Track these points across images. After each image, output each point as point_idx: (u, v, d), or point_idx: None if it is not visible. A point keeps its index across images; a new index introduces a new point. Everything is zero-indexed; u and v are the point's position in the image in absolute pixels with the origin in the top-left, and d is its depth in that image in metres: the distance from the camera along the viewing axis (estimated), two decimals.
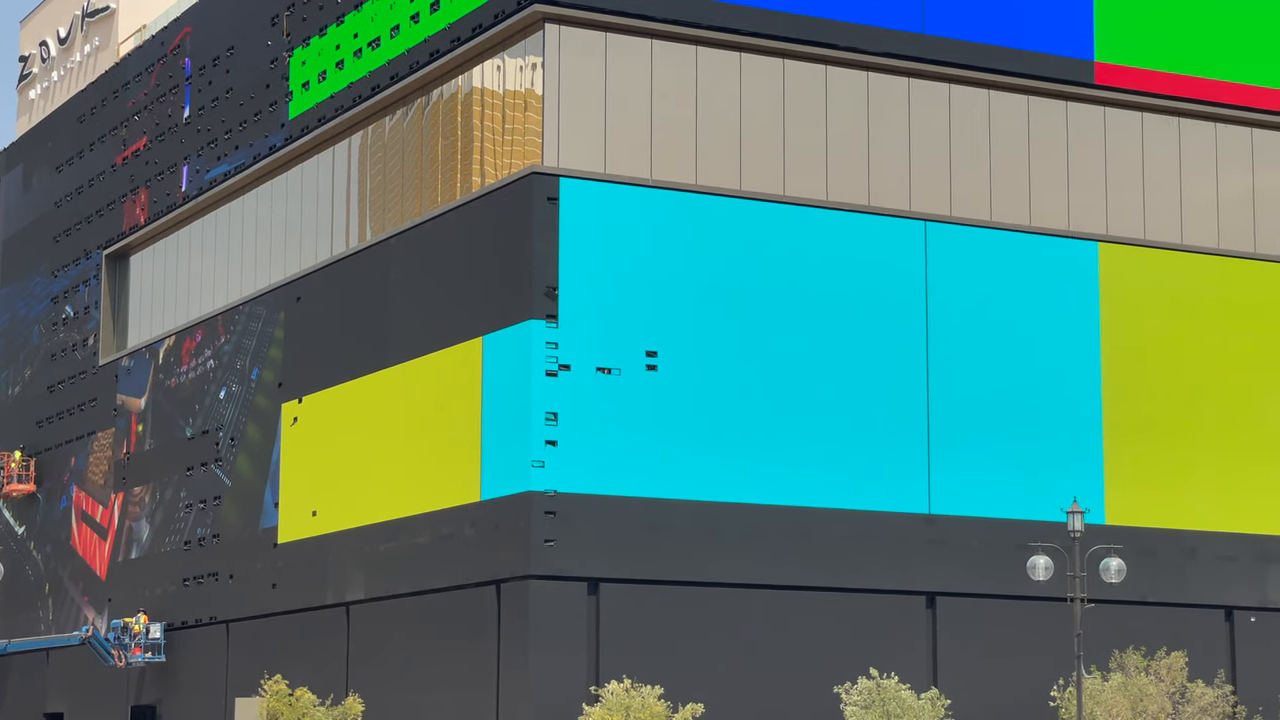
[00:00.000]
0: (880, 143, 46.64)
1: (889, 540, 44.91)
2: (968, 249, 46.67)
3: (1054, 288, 47.44)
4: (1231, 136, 49.92)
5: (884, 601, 44.83)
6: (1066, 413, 46.99)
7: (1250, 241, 49.92)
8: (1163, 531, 47.35)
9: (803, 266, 45.11)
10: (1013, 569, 43.38)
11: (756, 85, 45.50)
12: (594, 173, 43.62)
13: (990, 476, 46.11)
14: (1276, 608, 48.30)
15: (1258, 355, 49.15)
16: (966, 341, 46.36)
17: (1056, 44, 48.01)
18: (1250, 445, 48.69)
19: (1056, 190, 48.24)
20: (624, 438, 42.98)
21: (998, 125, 47.80)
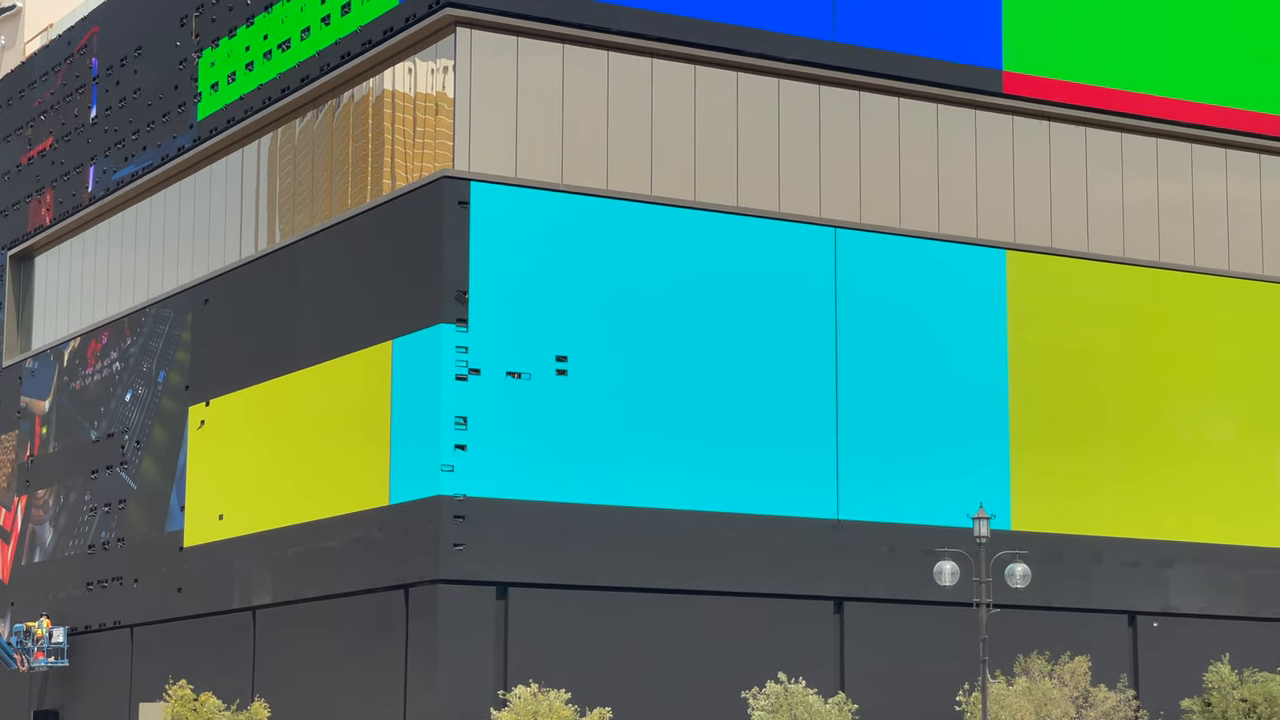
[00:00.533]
0: (790, 149, 46.84)
1: (797, 545, 45.10)
2: (877, 256, 46.94)
3: (962, 295, 47.79)
4: (1137, 146, 50.46)
5: (791, 606, 45.00)
6: (973, 419, 47.33)
7: (1155, 250, 50.46)
8: (1067, 537, 47.77)
9: (713, 272, 45.22)
10: (919, 574, 43.66)
11: (667, 91, 45.59)
12: (505, 177, 43.56)
13: (898, 482, 46.38)
14: (1178, 613, 48.82)
15: (1162, 363, 49.69)
16: (875, 348, 46.61)
17: (966, 53, 48.36)
18: (1154, 452, 49.21)
19: (965, 198, 48.60)
20: (533, 442, 42.94)
21: (907, 133, 48.11)
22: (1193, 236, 50.89)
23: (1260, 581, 49.72)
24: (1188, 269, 50.35)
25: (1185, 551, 49.03)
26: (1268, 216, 51.79)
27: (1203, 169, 51.17)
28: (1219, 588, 49.28)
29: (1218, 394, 50.17)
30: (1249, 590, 49.59)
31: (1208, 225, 51.09)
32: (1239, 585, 49.51)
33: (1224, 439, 50.01)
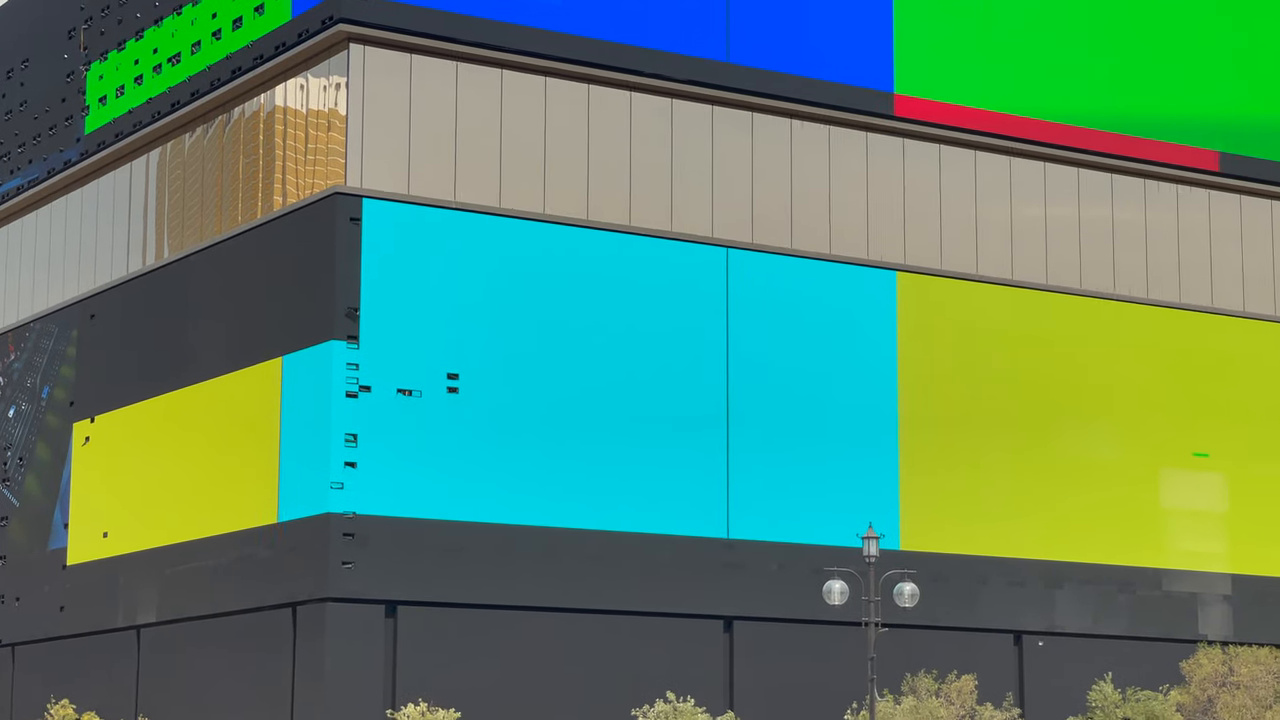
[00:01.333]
0: (683, 169, 46.98)
1: (687, 564, 45.15)
2: (768, 276, 47.14)
3: (852, 316, 48.09)
4: (1025, 170, 51.02)
5: (682, 625, 45.04)
6: (863, 439, 47.61)
7: (1042, 273, 51.00)
8: (955, 557, 48.14)
9: (605, 291, 45.25)
10: (809, 593, 43.84)
11: (561, 110, 45.61)
12: (398, 194, 43.40)
13: (788, 502, 46.55)
14: (1063, 632, 49.30)
15: (1049, 385, 50.19)
16: (766, 368, 46.80)
17: (857, 76, 48.73)
18: (1041, 473, 49.69)
19: (856, 219, 48.93)
20: (424, 460, 42.75)
21: (799, 154, 48.38)
22: (1079, 259, 51.50)
23: (1143, 601, 50.33)
24: (1074, 291, 50.94)
25: (1070, 572, 49.54)
26: (1152, 241, 52.50)
27: (1089, 193, 51.82)
28: (1103, 607, 49.83)
29: (1103, 416, 50.76)
30: (1132, 610, 50.17)
31: (1094, 248, 51.73)
32: (1122, 605, 50.08)
33: (1109, 460, 50.59)
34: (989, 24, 50.57)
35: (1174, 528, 51.26)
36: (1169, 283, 52.56)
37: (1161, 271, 52.54)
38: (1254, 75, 53.91)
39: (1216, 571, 51.32)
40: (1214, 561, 51.38)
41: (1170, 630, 50.23)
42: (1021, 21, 51.02)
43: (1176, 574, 50.81)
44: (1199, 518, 51.73)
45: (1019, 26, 50.97)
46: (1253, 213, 53.96)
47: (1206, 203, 53.39)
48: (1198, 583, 51.01)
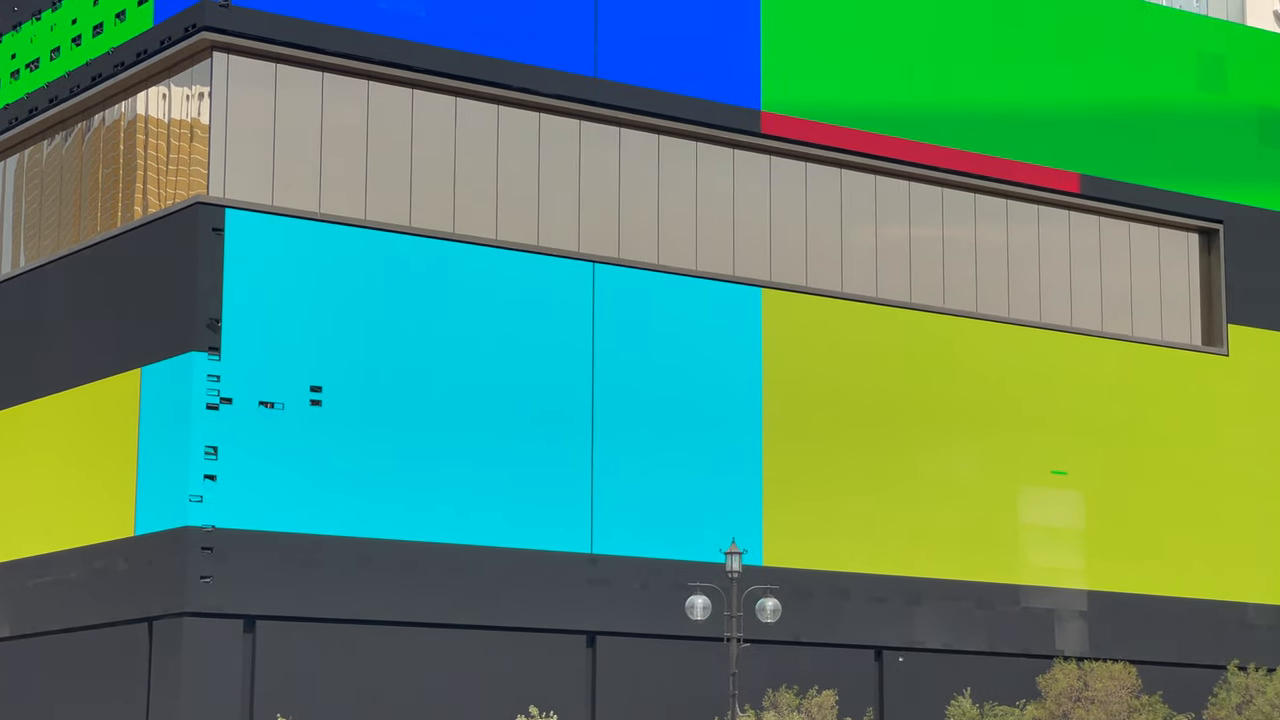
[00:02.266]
0: (550, 184, 46.94)
1: (551, 579, 45.07)
2: (635, 292, 47.20)
3: (718, 332, 48.24)
4: (890, 188, 51.46)
5: (545, 640, 44.94)
6: (728, 455, 47.77)
7: (906, 291, 51.43)
8: (817, 573, 48.40)
9: (471, 305, 45.10)
10: (672, 608, 43.89)
11: (428, 122, 45.43)
12: (261, 205, 43.02)
13: (652, 517, 46.59)
14: (923, 648, 49.70)
15: (911, 402, 50.61)
16: (632, 384, 46.83)
17: (725, 93, 48.94)
18: (903, 490, 50.08)
19: (722, 236, 49.11)
20: (286, 473, 42.37)
21: (666, 170, 48.50)
22: (942, 278, 51.99)
23: (1001, 617, 50.85)
24: (937, 310, 51.40)
25: (930, 588, 49.96)
26: (1014, 260, 53.13)
27: (952, 213, 52.35)
28: (962, 623, 50.30)
29: (964, 433, 51.26)
30: (990, 626, 50.68)
31: (957, 268, 52.25)
32: (981, 621, 50.57)
33: (969, 477, 51.10)
34: (856, 44, 50.98)
35: (1032, 544, 51.86)
36: (1029, 302, 53.21)
37: (1022, 291, 53.17)
38: (1114, 99, 54.69)
39: (1073, 588, 51.95)
40: (1071, 578, 52.02)
41: (1027, 646, 50.79)
42: (888, 42, 51.48)
43: (1034, 590, 51.39)
44: (1056, 535, 52.38)
45: (886, 47, 51.42)
46: (1111, 234, 54.75)
47: (1067, 223, 54.12)
48: (1055, 599, 51.63)
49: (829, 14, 50.70)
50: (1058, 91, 53.82)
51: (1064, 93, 53.92)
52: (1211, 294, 55.92)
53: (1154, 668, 50.29)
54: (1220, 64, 56.40)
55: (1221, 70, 56.39)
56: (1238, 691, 48.08)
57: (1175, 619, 53.02)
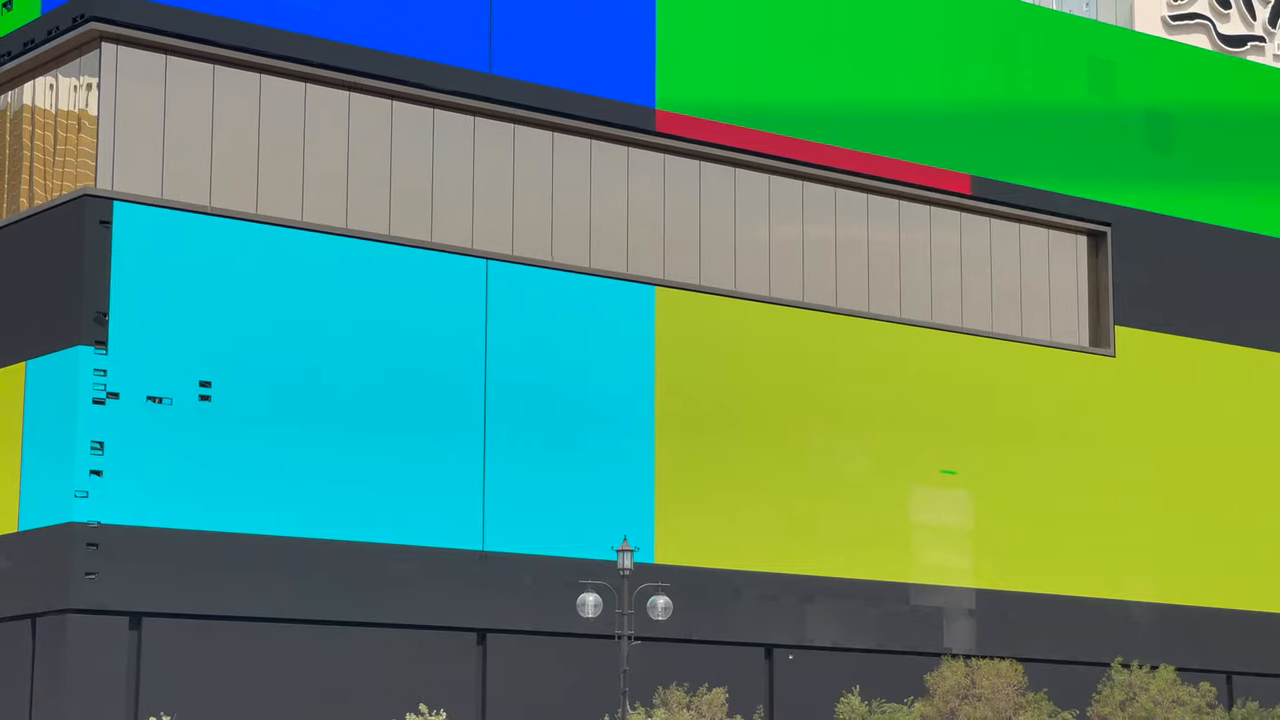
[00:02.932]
0: (444, 180, 46.79)
1: (442, 576, 44.91)
2: (528, 289, 47.12)
3: (612, 330, 48.26)
4: (783, 188, 51.67)
5: (436, 637, 44.78)
6: (620, 453, 47.79)
7: (799, 290, 51.66)
8: (709, 571, 48.51)
9: (363, 301, 44.86)
10: (564, 606, 43.87)
11: (321, 116, 45.15)
12: (150, 198, 42.60)
13: (544, 514, 46.54)
14: (813, 646, 49.93)
15: (804, 401, 50.84)
16: (525, 381, 46.75)
17: (620, 91, 48.96)
18: (795, 488, 50.30)
19: (616, 233, 49.14)
20: (174, 469, 41.98)
21: (560, 168, 48.47)
22: (835, 278, 52.27)
23: (891, 615, 51.18)
24: (830, 309, 51.66)
25: (821, 586, 50.21)
26: (905, 260, 53.49)
27: (845, 213, 52.63)
28: (852, 621, 50.58)
29: (856, 432, 51.54)
30: (880, 624, 51.00)
31: (850, 267, 52.53)
32: (871, 619, 50.88)
33: (860, 476, 51.40)
34: (751, 43, 51.15)
35: (922, 543, 52.25)
36: (921, 302, 53.59)
37: (914, 291, 53.54)
38: (1006, 102, 55.17)
39: (961, 586, 52.38)
40: (959, 576, 52.44)
41: (916, 644, 51.15)
42: (783, 42, 51.68)
43: (923, 589, 51.78)
44: (946, 534, 52.79)
45: (781, 47, 51.62)
46: (1002, 235, 55.26)
47: (958, 224, 54.56)
48: (943, 597, 52.04)
49: (724, 13, 50.85)
50: (950, 93, 54.25)
51: (957, 95, 54.36)
52: (1099, 295, 56.57)
53: (1040, 665, 50.81)
54: (1109, 68, 57.05)
55: (1110, 74, 57.05)
56: (1121, 689, 48.66)
57: (1061, 617, 53.59)
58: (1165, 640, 54.62)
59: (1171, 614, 55.50)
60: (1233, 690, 55.24)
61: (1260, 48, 60.36)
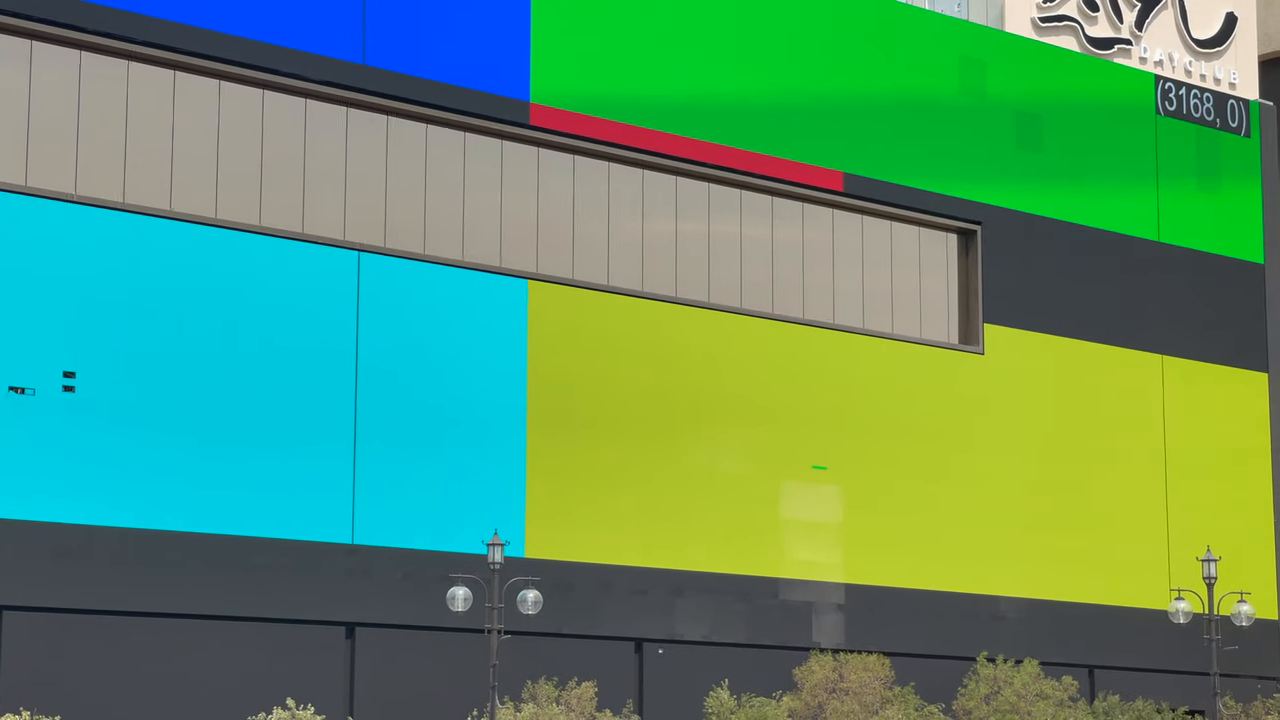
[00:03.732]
0: (316, 171, 46.44)
1: (310, 570, 44.60)
2: (400, 281, 46.89)
3: (484, 323, 48.13)
4: (657, 183, 51.77)
5: (303, 631, 44.47)
6: (492, 446, 47.68)
7: (672, 286, 51.76)
8: (580, 565, 48.54)
9: (233, 292, 44.45)
10: (433, 600, 43.73)
11: (190, 105, 44.70)
12: (12, 185, 41.99)
13: (415, 508, 46.34)
14: (683, 640, 50.09)
15: (676, 396, 50.97)
16: (396, 373, 46.54)
17: (494, 84, 48.83)
18: (667, 483, 50.42)
19: (489, 227, 49.01)
20: (37, 460, 41.39)
21: (434, 159, 48.27)
22: (708, 273, 52.43)
23: (761, 610, 51.44)
24: (703, 305, 51.82)
25: (692, 581, 50.37)
26: (778, 257, 53.75)
27: (719, 208, 52.81)
28: (722, 616, 50.79)
29: (728, 428, 51.75)
30: (750, 618, 51.25)
31: (722, 263, 52.72)
32: (741, 613, 51.12)
33: (732, 472, 51.61)
34: (626, 38, 51.20)
35: (792, 538, 52.56)
36: (793, 298, 53.88)
37: (787, 288, 53.82)
38: (880, 100, 55.58)
39: (831, 581, 52.72)
40: (829, 572, 52.80)
41: (786, 638, 51.44)
42: (658, 37, 51.78)
43: (793, 584, 52.09)
44: (816, 529, 53.14)
45: (656, 42, 51.71)
46: (873, 233, 55.68)
47: (831, 221, 54.90)
48: (813, 592, 52.36)
49: (600, 7, 50.85)
50: (824, 91, 54.57)
51: (830, 92, 54.69)
52: (969, 293, 57.15)
53: (907, 659, 51.25)
54: (980, 68, 57.66)
55: (981, 74, 57.66)
56: (986, 682, 49.21)
57: (928, 612, 54.11)
58: (1030, 635, 55.32)
59: (1037, 609, 56.21)
60: (1095, 684, 56.01)
61: (1127, 50, 61.25)
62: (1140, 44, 61.57)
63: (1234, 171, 62.76)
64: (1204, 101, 62.14)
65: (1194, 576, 52.92)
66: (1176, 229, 61.09)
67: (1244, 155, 62.99)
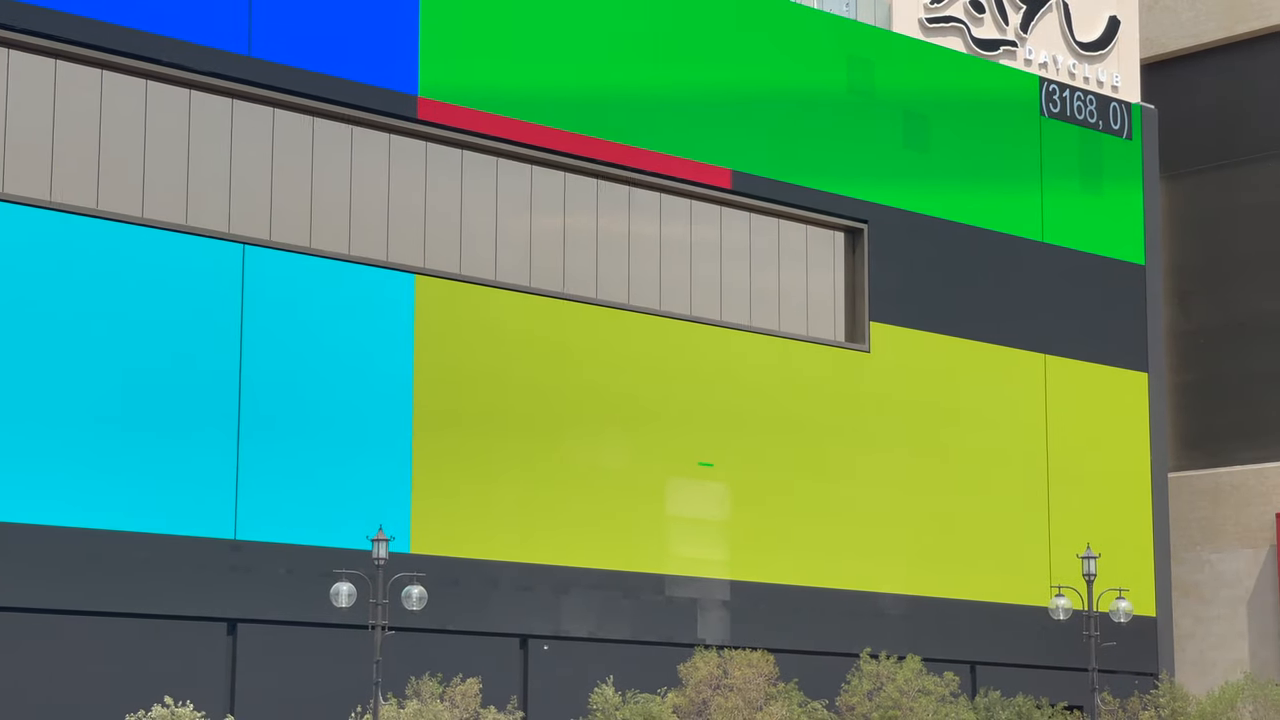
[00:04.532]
0: (200, 163, 46.00)
1: (190, 565, 44.20)
2: (286, 275, 46.55)
3: (371, 318, 47.87)
4: (545, 178, 51.69)
5: (183, 628, 44.06)
6: (377, 442, 47.44)
7: (560, 281, 51.72)
8: (466, 561, 48.41)
9: (116, 284, 43.94)
10: (317, 596, 43.47)
11: (71, 95, 44.12)
12: None
13: (299, 503, 46.04)
14: (568, 636, 50.08)
15: (564, 392, 50.94)
16: (281, 367, 46.19)
17: (382, 77, 48.56)
18: (554, 479, 50.39)
19: (377, 221, 48.74)
20: None
21: (320, 153, 47.93)
22: (595, 270, 52.43)
23: (646, 606, 51.51)
24: (590, 301, 51.81)
25: (578, 577, 50.36)
26: (667, 254, 53.84)
27: (607, 205, 52.83)
28: (607, 612, 50.81)
29: (616, 424, 51.78)
30: (634, 614, 51.31)
31: (610, 259, 52.74)
32: (626, 610, 51.16)
33: (619, 468, 51.64)
34: (515, 33, 51.07)
35: (678, 535, 52.67)
36: (681, 295, 53.99)
37: (675, 284, 53.93)
38: (768, 98, 55.79)
39: (716, 578, 52.90)
40: (714, 568, 52.97)
41: (670, 635, 51.56)
42: (547, 32, 51.69)
43: (679, 580, 52.21)
44: (702, 525, 53.28)
45: (544, 37, 51.62)
46: (761, 230, 55.90)
47: (719, 219, 55.06)
48: (698, 589, 52.51)
49: (489, 1, 50.65)
50: (712, 88, 54.69)
51: (719, 90, 54.82)
52: (855, 291, 57.50)
53: (791, 656, 51.50)
54: (868, 67, 58.00)
55: (869, 73, 58.00)
56: (869, 679, 49.55)
57: (813, 608, 54.41)
58: (913, 631, 55.76)
59: (919, 606, 56.66)
60: (976, 680, 56.56)
61: (1012, 51, 61.84)
62: (1025, 46, 62.19)
63: (1116, 173, 63.54)
64: (1087, 104, 62.86)
65: (1074, 573, 53.52)
66: (1060, 229, 61.77)
67: (1126, 157, 63.78)
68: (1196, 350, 70.46)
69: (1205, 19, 70.69)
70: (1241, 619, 67.20)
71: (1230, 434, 69.37)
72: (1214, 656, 67.61)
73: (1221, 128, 70.55)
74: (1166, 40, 71.32)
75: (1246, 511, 67.64)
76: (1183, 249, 70.62)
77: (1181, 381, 70.15)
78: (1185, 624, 67.64)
